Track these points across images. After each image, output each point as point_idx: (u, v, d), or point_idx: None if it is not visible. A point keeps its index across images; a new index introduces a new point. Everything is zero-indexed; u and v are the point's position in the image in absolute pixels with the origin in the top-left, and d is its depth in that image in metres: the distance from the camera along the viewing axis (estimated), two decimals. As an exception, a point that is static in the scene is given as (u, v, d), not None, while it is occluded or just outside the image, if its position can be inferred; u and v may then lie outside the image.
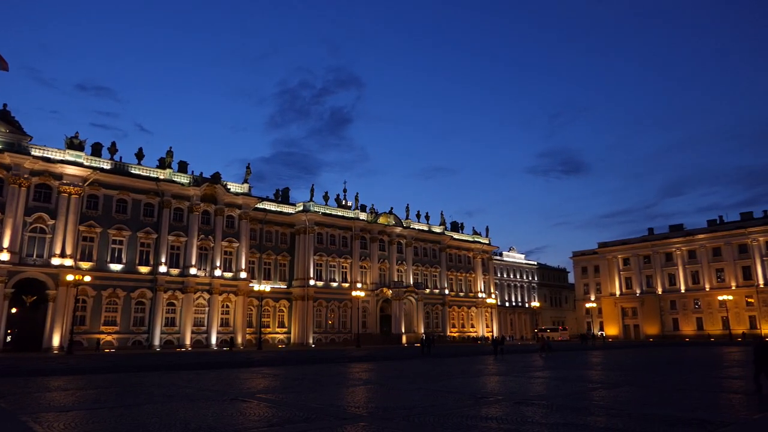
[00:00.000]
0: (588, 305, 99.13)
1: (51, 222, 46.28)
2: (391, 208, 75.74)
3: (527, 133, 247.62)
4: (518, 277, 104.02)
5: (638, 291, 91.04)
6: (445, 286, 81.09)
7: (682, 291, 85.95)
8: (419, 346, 55.19)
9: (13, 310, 44.30)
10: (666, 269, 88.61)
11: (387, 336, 68.83)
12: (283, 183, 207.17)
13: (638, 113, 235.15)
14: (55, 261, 45.65)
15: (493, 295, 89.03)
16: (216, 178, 57.33)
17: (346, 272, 69.14)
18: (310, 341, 62.41)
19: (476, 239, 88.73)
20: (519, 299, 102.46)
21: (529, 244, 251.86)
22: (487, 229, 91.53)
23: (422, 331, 70.59)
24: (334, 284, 67.47)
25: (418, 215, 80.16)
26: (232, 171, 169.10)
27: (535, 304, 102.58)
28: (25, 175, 45.34)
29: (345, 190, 76.25)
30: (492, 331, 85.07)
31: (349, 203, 74.51)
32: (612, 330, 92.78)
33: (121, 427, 9.94)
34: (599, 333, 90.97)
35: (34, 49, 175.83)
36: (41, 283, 45.15)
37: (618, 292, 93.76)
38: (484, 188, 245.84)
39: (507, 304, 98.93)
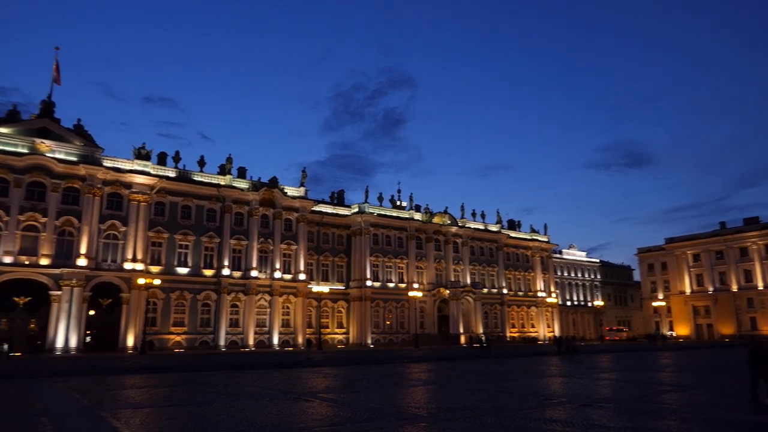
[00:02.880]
0: (655, 304, 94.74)
1: (123, 229, 48.94)
2: (446, 208, 75.34)
3: (586, 127, 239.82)
4: (579, 275, 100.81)
5: (711, 288, 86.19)
6: (503, 285, 79.73)
7: (760, 288, 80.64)
8: (478, 347, 54.57)
9: (92, 313, 47.14)
10: (741, 265, 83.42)
11: (445, 336, 68.43)
12: (338, 185, 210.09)
13: (707, 101, 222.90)
14: (128, 265, 48.23)
15: (553, 295, 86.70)
16: (273, 183, 58.89)
17: (402, 273, 69.27)
18: (369, 342, 62.93)
19: (534, 237, 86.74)
20: (581, 298, 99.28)
21: (591, 242, 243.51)
22: (545, 227, 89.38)
23: (481, 331, 69.70)
24: (391, 285, 67.74)
25: (473, 214, 79.27)
26: (289, 175, 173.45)
27: (599, 303, 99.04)
28: (99, 185, 48.16)
29: (399, 191, 76.66)
30: (553, 331, 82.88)
31: (404, 204, 74.64)
32: (683, 330, 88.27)
33: (191, 424, 10.38)
34: (669, 333, 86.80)
35: (103, 64, 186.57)
36: (115, 287, 47.82)
37: (688, 290, 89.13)
38: (541, 185, 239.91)
39: (568, 303, 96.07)
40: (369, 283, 64.83)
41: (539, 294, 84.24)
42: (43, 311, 44.88)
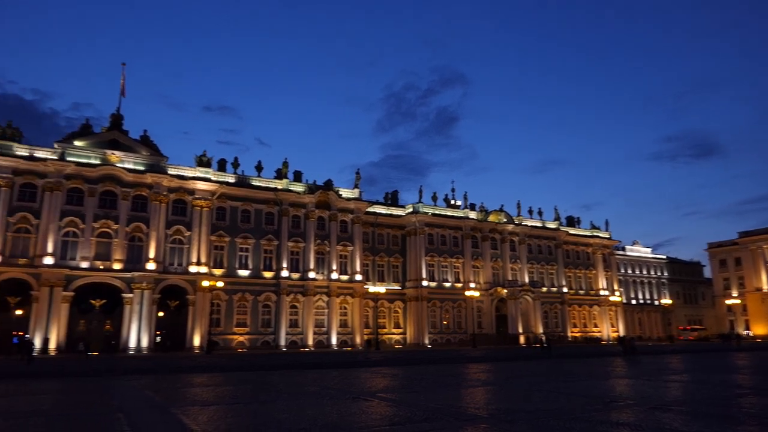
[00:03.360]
0: (729, 302, 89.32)
1: (187, 233, 51.09)
2: (502, 206, 74.10)
3: (648, 118, 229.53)
4: (645, 272, 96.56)
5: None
6: (563, 283, 77.53)
7: None
8: (538, 347, 53.31)
9: (161, 314, 49.47)
10: (826, 259, 77.47)
11: (503, 336, 67.29)
12: (392, 186, 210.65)
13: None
14: (193, 268, 50.30)
15: (617, 293, 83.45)
16: (328, 185, 59.85)
17: (458, 272, 68.70)
18: (426, 341, 62.78)
19: (595, 234, 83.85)
20: (647, 297, 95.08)
21: (656, 237, 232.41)
22: (606, 223, 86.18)
23: (541, 331, 68.12)
24: (447, 284, 67.31)
25: (530, 211, 77.55)
26: (343, 177, 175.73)
27: (666, 301, 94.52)
28: (164, 192, 50.52)
29: (453, 190, 75.98)
30: (618, 331, 79.81)
31: (458, 202, 73.97)
32: (760, 329, 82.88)
33: (255, 422, 10.69)
34: (744, 332, 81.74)
35: (167, 77, 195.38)
36: (182, 289, 49.98)
37: (766, 287, 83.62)
38: (601, 179, 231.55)
39: (633, 302, 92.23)
40: (425, 283, 64.67)
41: (601, 292, 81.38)
42: (116, 313, 47.52)
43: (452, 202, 74.11)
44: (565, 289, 77.23)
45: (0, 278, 43.60)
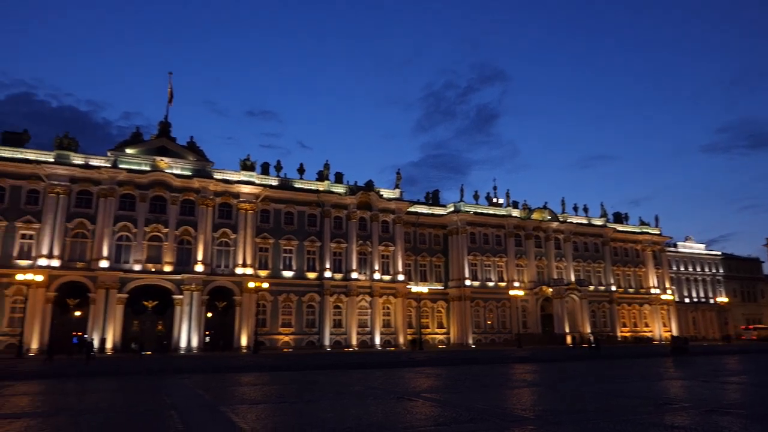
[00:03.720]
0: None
1: (233, 236, 52.40)
2: (546, 203, 72.74)
3: (699, 108, 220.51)
4: (699, 269, 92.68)
5: None
6: (611, 282, 75.34)
7: None
8: (586, 347, 52.07)
9: (209, 315, 50.91)
10: None
11: (550, 336, 65.97)
12: (433, 185, 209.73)
13: None
14: (239, 270, 51.54)
15: (668, 291, 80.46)
16: (369, 186, 60.19)
17: (501, 271, 67.82)
18: (470, 341, 62.24)
19: (644, 230, 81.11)
20: (701, 295, 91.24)
21: (711, 233, 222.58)
22: (656, 219, 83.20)
23: (588, 330, 66.44)
24: (491, 284, 66.54)
25: (575, 208, 75.76)
26: (384, 177, 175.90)
27: (722, 299, 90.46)
28: (211, 197, 51.98)
29: (495, 188, 75.07)
30: (670, 331, 76.94)
31: (500, 200, 73.05)
32: (827, 328, 78.21)
33: (301, 421, 10.87)
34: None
35: (211, 83, 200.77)
36: (229, 291, 51.29)
37: (833, 284, 78.92)
38: (650, 174, 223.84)
39: (686, 300, 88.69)
40: (468, 282, 64.14)
41: (652, 291, 78.65)
42: (168, 314, 49.20)
43: (494, 200, 73.20)
44: (613, 288, 75.04)
45: (60, 281, 45.87)
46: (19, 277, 42.16)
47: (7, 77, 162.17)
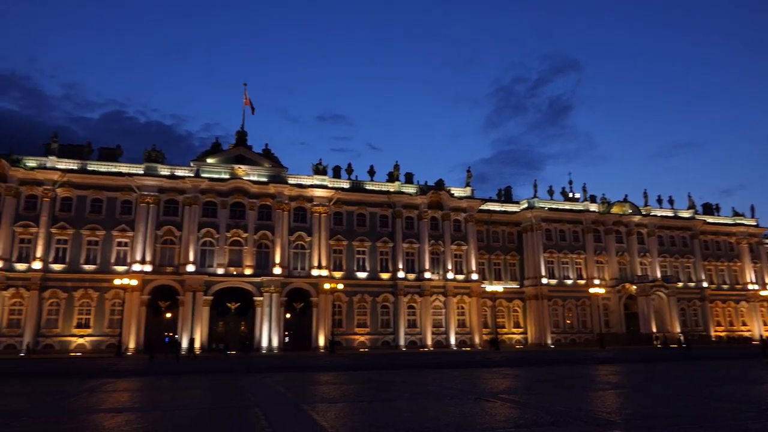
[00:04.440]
0: None
1: (308, 239, 53.93)
2: (626, 196, 69.24)
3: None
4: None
5: None
6: (702, 278, 70.49)
7: None
8: (675, 348, 49.16)
9: (288, 316, 52.67)
10: None
11: (635, 336, 62.73)
12: (505, 182, 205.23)
13: None
14: (314, 272, 52.96)
15: (769, 287, 74.22)
16: (440, 185, 59.92)
17: (580, 268, 65.33)
18: (548, 341, 60.41)
19: (738, 221, 75.30)
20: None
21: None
22: (752, 209, 76.99)
23: (677, 330, 62.59)
24: (569, 282, 64.27)
25: (659, 200, 71.62)
26: (454, 176, 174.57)
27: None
28: (286, 201, 53.80)
29: (571, 182, 72.40)
30: (772, 330, 70.95)
31: (577, 195, 70.38)
32: None
33: (379, 420, 11.00)
34: None
35: (283, 91, 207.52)
36: (305, 292, 52.83)
37: None
38: (743, 160, 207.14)
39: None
40: (544, 280, 62.31)
41: (749, 287, 72.87)
42: (249, 315, 51.42)
43: (570, 195, 70.67)
44: (704, 284, 70.19)
45: (152, 285, 49.13)
46: (117, 281, 45.74)
47: (101, 97, 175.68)
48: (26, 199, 48.74)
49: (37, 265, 47.21)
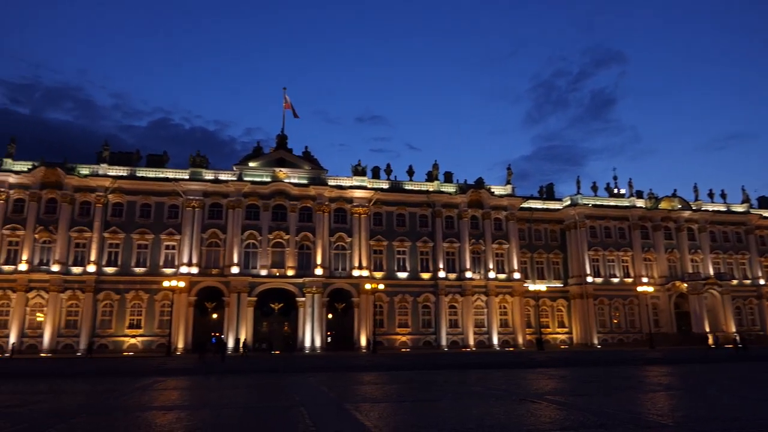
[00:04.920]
0: None
1: (348, 240, 54.34)
2: (675, 191, 66.79)
3: None
4: None
5: None
6: (759, 275, 67.23)
7: None
8: (731, 348, 47.08)
9: (330, 316, 53.22)
10: None
11: (686, 336, 60.39)
12: (546, 179, 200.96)
13: None
14: (355, 272, 53.31)
15: (833, 284, 70.05)
16: (479, 184, 59.31)
17: (627, 266, 63.41)
18: (595, 341, 58.88)
19: (798, 215, 71.44)
20: None
21: None
22: (813, 201, 72.91)
23: (733, 329, 59.89)
24: (615, 280, 62.49)
25: (710, 195, 68.76)
26: (494, 174, 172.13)
27: None
28: (326, 203, 54.38)
29: (615, 177, 70.41)
30: (838, 329, 66.95)
31: (622, 191, 68.37)
32: None
33: (422, 420, 10.99)
34: None
35: (322, 94, 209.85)
36: (347, 292, 53.25)
37: None
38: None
39: None
40: (589, 279, 60.78)
41: (812, 284, 68.98)
42: (292, 315, 52.24)
43: (615, 190, 68.68)
44: (761, 281, 66.93)
45: (199, 287, 50.55)
46: (165, 283, 47.28)
47: (148, 106, 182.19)
48: (80, 206, 50.98)
49: (91, 268, 49.30)
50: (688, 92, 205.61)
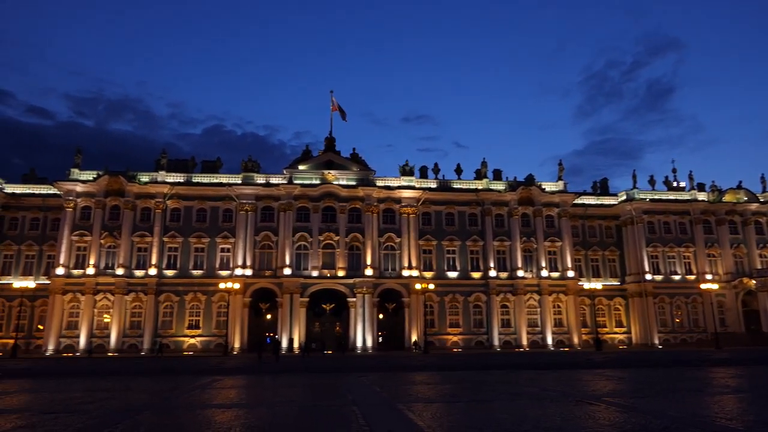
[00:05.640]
0: None
1: (397, 240, 54.47)
2: (740, 182, 63.42)
3: None
4: None
5: None
6: (838, 270, 62.80)
7: None
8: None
9: (380, 316, 53.51)
10: None
11: (756, 336, 57.15)
12: (600, 173, 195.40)
13: None
14: (405, 272, 53.38)
15: None
16: (530, 180, 58.16)
17: (689, 263, 60.64)
18: (655, 341, 56.61)
19: None
20: None
21: None
22: None
23: (809, 328, 56.21)
24: (676, 277, 59.87)
25: (780, 185, 64.80)
26: (545, 170, 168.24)
27: None
28: (375, 204, 54.72)
29: (674, 170, 67.53)
30: None
31: (682, 184, 65.52)
32: None
33: (478, 422, 10.87)
34: None
35: (369, 95, 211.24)
36: (397, 292, 53.40)
37: None
38: None
39: None
40: (648, 276, 58.51)
41: None
42: (344, 316, 52.88)
43: (674, 184, 65.92)
44: (840, 277, 62.49)
45: (253, 288, 51.96)
46: (221, 285, 48.85)
47: (202, 114, 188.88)
48: (141, 211, 53.42)
49: (152, 271, 51.55)
50: (751, 78, 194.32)
